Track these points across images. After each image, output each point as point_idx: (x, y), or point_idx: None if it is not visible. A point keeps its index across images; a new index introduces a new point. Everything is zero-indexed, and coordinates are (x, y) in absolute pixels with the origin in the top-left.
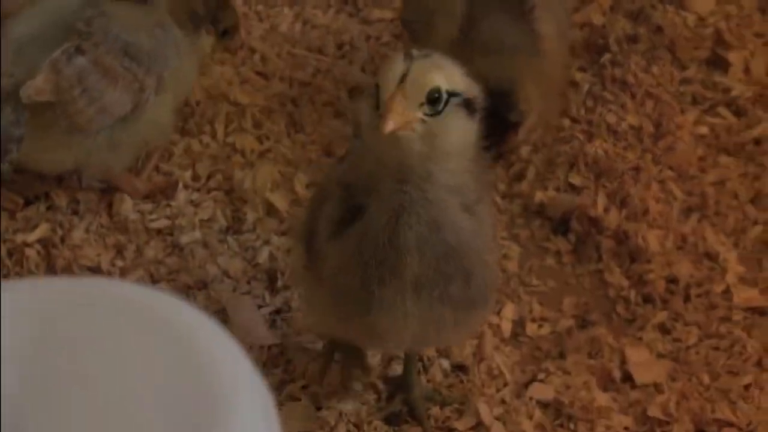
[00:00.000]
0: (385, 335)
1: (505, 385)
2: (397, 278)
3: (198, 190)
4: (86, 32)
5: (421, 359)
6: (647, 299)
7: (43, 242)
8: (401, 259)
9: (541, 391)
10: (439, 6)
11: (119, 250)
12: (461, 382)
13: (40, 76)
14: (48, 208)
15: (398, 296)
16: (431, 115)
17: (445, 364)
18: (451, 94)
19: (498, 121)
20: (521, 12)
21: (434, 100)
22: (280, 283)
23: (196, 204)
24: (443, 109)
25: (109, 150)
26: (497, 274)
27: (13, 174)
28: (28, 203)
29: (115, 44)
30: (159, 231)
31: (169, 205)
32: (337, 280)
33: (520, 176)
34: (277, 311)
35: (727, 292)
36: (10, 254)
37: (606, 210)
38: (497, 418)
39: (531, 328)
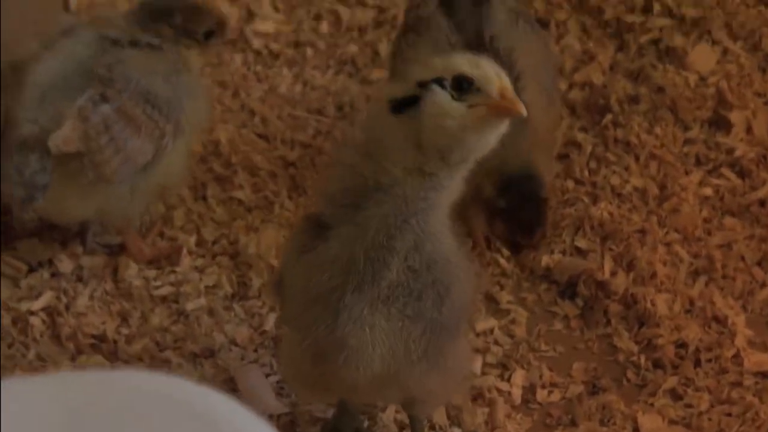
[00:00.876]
0: (352, 358)
1: None
2: (370, 287)
3: (202, 255)
4: (109, 78)
5: (433, 427)
6: (657, 364)
7: (48, 310)
8: (380, 267)
9: None
10: None
11: (124, 318)
12: None
13: (67, 125)
14: (52, 275)
15: (368, 307)
16: None
17: None
18: None
19: (533, 202)
20: None
21: None
22: None
23: (200, 270)
24: None
25: (129, 199)
26: (471, 305)
27: (15, 240)
28: (31, 270)
29: (136, 91)
30: (164, 298)
31: (173, 271)
32: (305, 295)
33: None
34: None
35: (737, 356)
36: (14, 323)
37: (613, 274)
38: None
39: (541, 395)
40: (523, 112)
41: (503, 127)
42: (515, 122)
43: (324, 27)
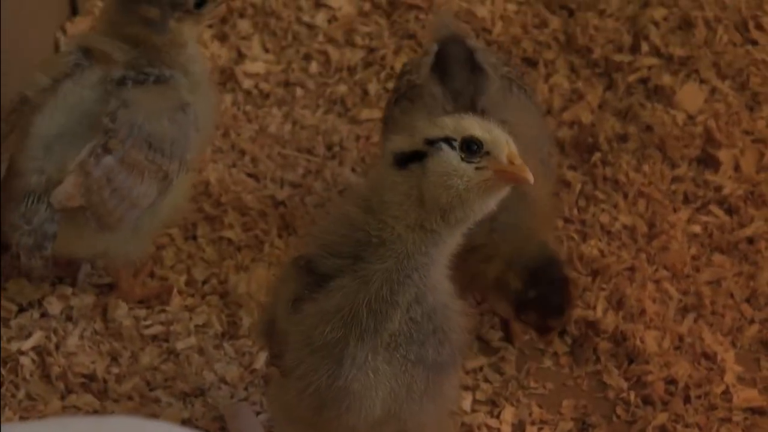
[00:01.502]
0: (354, 405)
1: None
2: (372, 337)
3: (192, 295)
4: (112, 129)
5: None
6: (647, 401)
7: (38, 350)
8: (383, 319)
9: None
10: None
11: (114, 357)
12: None
13: (68, 181)
14: (42, 315)
15: (371, 354)
16: None
17: None
18: None
19: (560, 284)
20: None
21: None
22: None
23: (190, 309)
24: None
25: (133, 239)
26: (466, 338)
27: (5, 281)
28: (21, 310)
29: (139, 137)
30: (154, 337)
31: (164, 311)
32: (306, 345)
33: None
34: None
35: (726, 392)
36: (4, 363)
37: (603, 311)
38: None
39: None
40: (531, 179)
41: (505, 192)
42: (519, 203)
43: (313, 67)
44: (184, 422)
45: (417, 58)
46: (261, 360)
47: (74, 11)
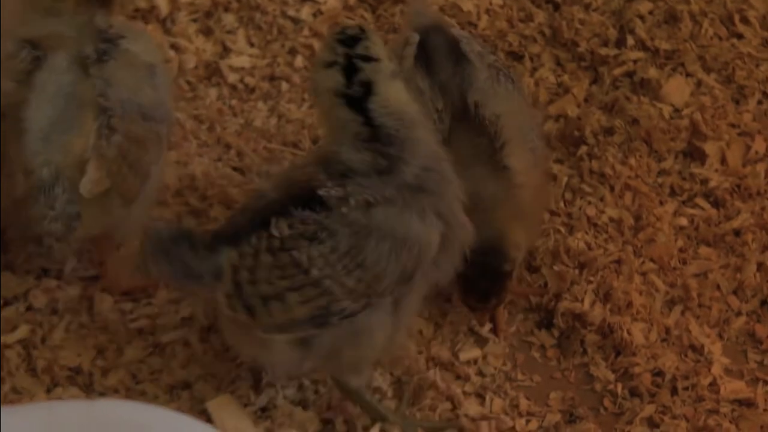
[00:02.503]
0: None
1: None
2: None
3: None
4: (109, 107)
5: None
6: (634, 393)
7: (23, 343)
8: None
9: None
10: None
11: (100, 351)
12: None
13: (92, 168)
14: (27, 309)
15: None
16: None
17: None
18: None
19: (492, 274)
20: (492, 151)
21: None
22: (264, 381)
23: (176, 302)
24: None
25: (143, 209)
26: None
27: None
28: (6, 304)
29: (132, 110)
30: (140, 330)
31: (149, 304)
32: None
33: None
34: (263, 409)
35: (713, 384)
36: None
37: (590, 304)
38: None
39: (519, 424)
40: None
41: None
42: (498, 190)
43: (299, 61)
44: None
45: (397, 48)
46: None
47: None
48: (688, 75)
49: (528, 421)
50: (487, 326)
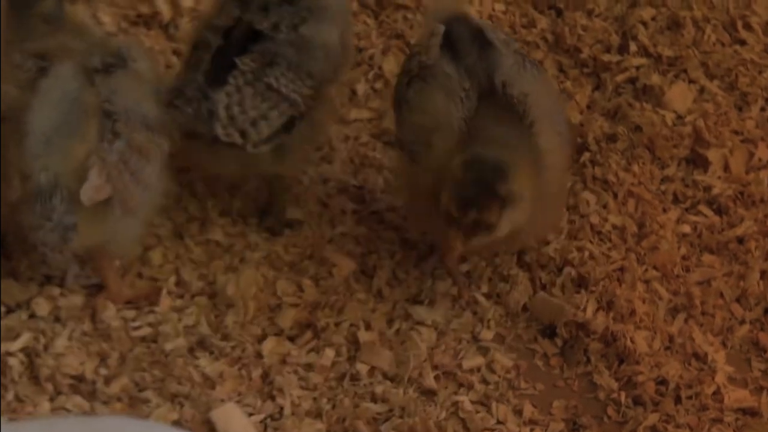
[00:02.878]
0: None
1: None
2: None
3: (181, 296)
4: (114, 112)
5: None
6: (637, 401)
7: (26, 351)
8: None
9: None
10: (436, 124)
11: (103, 358)
12: None
13: (93, 174)
14: (30, 317)
15: None
16: None
17: None
18: None
19: (485, 191)
20: (521, 127)
21: None
22: (269, 389)
23: (179, 310)
24: None
25: (141, 222)
26: None
27: None
28: (9, 311)
29: (136, 119)
30: (143, 338)
31: (152, 312)
32: None
33: (505, 277)
34: (270, 417)
35: (717, 393)
36: None
37: (593, 312)
38: None
39: None
40: None
41: None
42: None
43: None
44: (174, 423)
45: (425, 39)
46: (250, 359)
47: None
48: (690, 81)
49: (532, 430)
50: (491, 333)
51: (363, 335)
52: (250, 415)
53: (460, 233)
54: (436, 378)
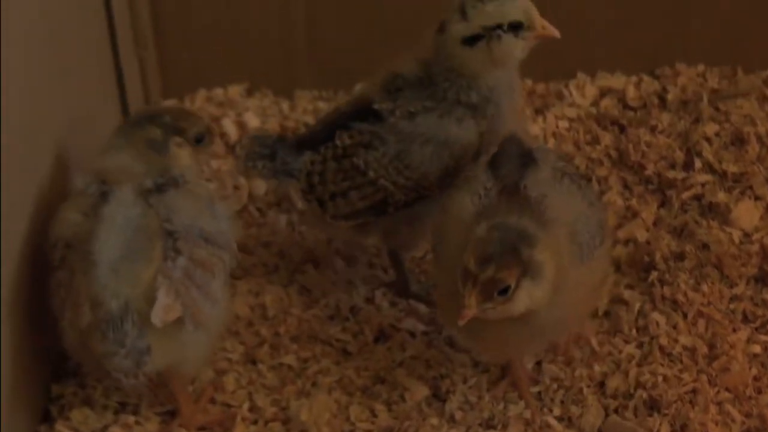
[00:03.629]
0: None
1: None
2: None
3: (255, 422)
4: (175, 231)
5: None
6: None
7: None
8: None
9: None
10: (452, 220)
11: None
12: None
13: (162, 295)
14: None
15: None
16: None
17: None
18: None
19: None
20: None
21: None
22: None
23: None
24: None
25: (206, 341)
26: None
27: (68, 411)
28: None
29: (196, 235)
30: None
31: None
32: None
33: (577, 401)
34: None
35: None
36: None
37: None
38: None
39: None
40: (557, 35)
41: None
42: None
43: None
44: None
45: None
46: None
47: None
48: (756, 198)
49: None
50: None
51: None
52: None
53: (475, 291)
54: None
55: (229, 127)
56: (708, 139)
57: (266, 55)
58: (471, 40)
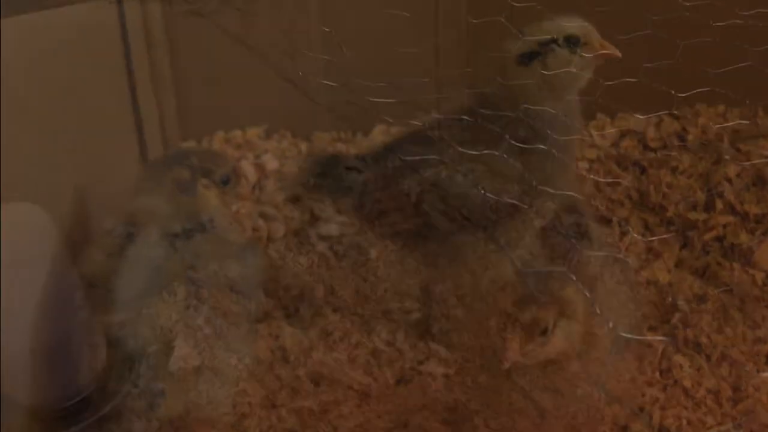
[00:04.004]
0: None
1: None
2: None
3: None
4: (198, 279)
5: None
6: None
7: None
8: None
9: None
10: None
11: None
12: None
13: (180, 341)
14: None
15: None
16: None
17: None
18: None
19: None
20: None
21: None
22: None
23: None
24: None
25: (222, 386)
26: None
27: None
28: None
29: (220, 282)
30: None
31: None
32: None
33: None
34: None
35: None
36: None
37: None
38: None
39: None
40: (618, 54)
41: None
42: None
43: None
44: None
45: None
46: None
47: None
48: None
49: None
50: None
51: None
52: None
53: (517, 335)
54: None
55: (248, 168)
56: (729, 180)
57: (284, 97)
58: (526, 58)
